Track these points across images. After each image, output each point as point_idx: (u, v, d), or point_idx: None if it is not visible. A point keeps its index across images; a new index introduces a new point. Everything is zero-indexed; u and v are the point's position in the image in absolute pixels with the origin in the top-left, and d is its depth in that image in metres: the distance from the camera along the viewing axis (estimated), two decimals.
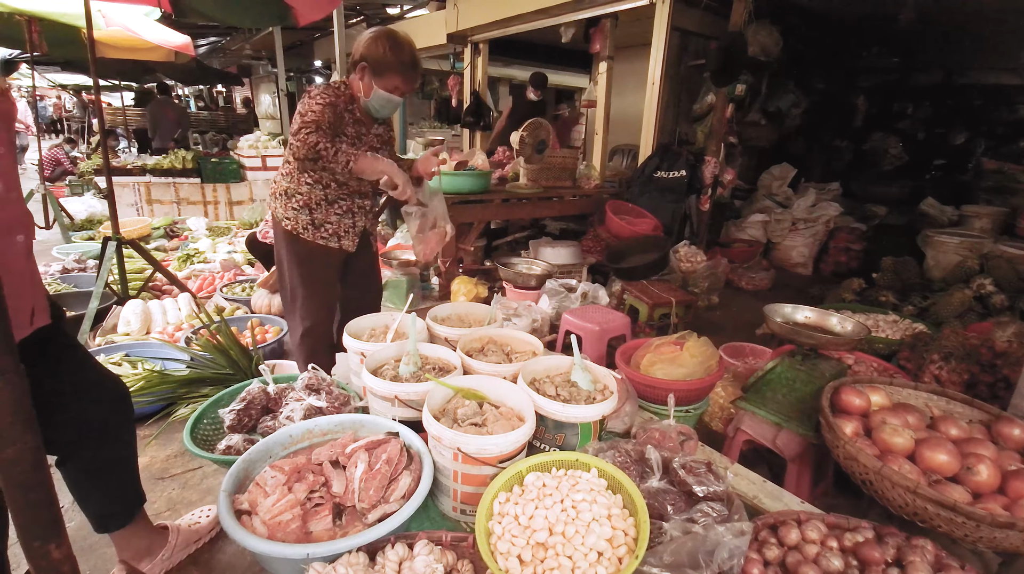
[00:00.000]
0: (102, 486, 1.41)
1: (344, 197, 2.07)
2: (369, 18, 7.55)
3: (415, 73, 1.96)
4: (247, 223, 6.01)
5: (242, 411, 1.82)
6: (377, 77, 1.90)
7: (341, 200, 2.06)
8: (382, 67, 1.88)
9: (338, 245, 2.10)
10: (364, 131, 2.03)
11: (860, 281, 4.11)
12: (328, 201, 2.05)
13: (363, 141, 2.02)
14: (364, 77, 1.91)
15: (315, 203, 2.03)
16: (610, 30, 4.62)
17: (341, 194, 2.05)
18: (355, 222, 2.11)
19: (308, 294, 2.13)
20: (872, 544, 1.23)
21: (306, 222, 2.04)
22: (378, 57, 1.87)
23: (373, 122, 2.07)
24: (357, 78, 1.94)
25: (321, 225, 2.05)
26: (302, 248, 2.08)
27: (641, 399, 2.07)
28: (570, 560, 1.08)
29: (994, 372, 2.24)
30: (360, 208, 2.13)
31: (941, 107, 6.82)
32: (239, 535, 1.16)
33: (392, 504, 1.29)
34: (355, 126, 2.00)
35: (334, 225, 2.07)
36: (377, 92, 1.92)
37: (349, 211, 2.07)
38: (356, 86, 1.96)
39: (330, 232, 2.06)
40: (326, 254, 2.10)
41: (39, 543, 0.69)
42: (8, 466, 0.66)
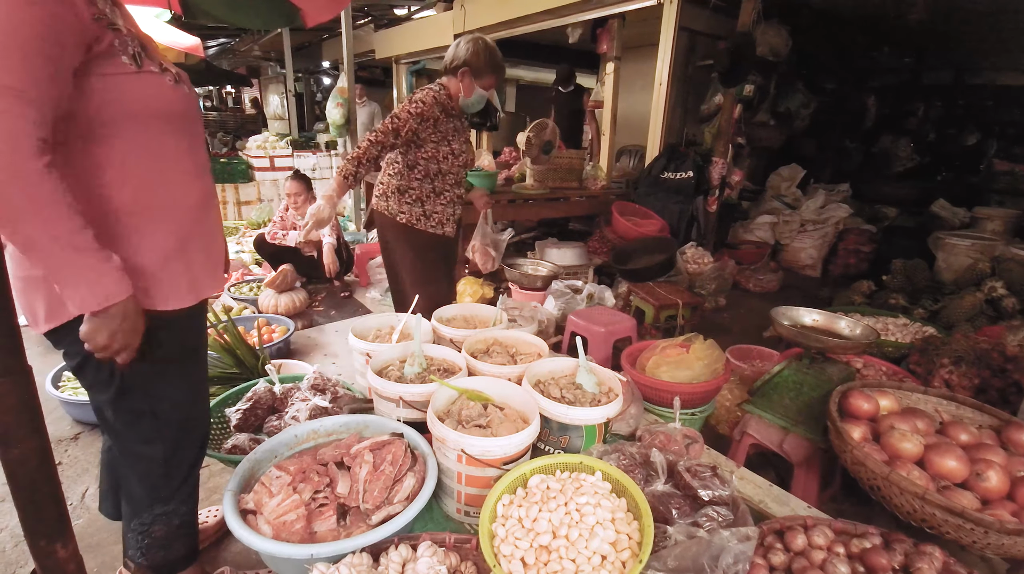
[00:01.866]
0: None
1: (448, 188, 2.33)
2: (376, 19, 7.57)
3: (502, 72, 2.27)
4: (255, 223, 6.05)
5: (248, 411, 1.83)
6: (477, 78, 2.18)
7: (446, 191, 2.32)
8: (481, 70, 2.16)
9: (442, 232, 2.37)
10: (460, 126, 2.31)
11: (870, 283, 4.07)
12: (436, 193, 2.31)
13: (459, 135, 2.29)
14: (465, 79, 2.18)
15: (426, 196, 2.30)
16: (617, 30, 4.60)
17: (446, 185, 2.31)
18: (454, 211, 2.39)
19: (427, 280, 2.40)
20: (879, 550, 1.22)
21: (419, 214, 2.31)
22: (479, 61, 2.15)
23: (463, 115, 2.35)
24: (457, 80, 2.20)
25: (431, 215, 2.32)
26: (418, 239, 2.34)
27: (646, 402, 2.06)
28: (573, 563, 1.08)
29: (1005, 377, 2.21)
30: (458, 197, 2.40)
31: (952, 108, 6.74)
32: (244, 535, 1.16)
33: (396, 505, 1.29)
34: (453, 122, 2.26)
35: (440, 214, 2.34)
36: (477, 91, 2.21)
37: (451, 201, 2.34)
38: (455, 87, 2.21)
39: (437, 221, 2.33)
40: (437, 241, 2.38)
41: (45, 542, 0.69)
42: (15, 465, 0.67)
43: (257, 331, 2.71)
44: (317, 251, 4.00)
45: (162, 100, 1.00)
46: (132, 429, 1.12)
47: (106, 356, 0.92)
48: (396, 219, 2.33)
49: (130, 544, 1.20)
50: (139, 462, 1.14)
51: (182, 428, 1.17)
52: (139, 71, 0.95)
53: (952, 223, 5.15)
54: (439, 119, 2.18)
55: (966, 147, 6.61)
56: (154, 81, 0.98)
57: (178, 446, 1.17)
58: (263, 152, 7.20)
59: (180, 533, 1.21)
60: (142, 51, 0.98)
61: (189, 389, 1.20)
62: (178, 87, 1.03)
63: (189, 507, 1.24)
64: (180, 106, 1.04)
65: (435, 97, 2.15)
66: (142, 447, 1.14)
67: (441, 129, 2.21)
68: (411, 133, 2.15)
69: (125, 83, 0.94)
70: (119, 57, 0.93)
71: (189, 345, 1.19)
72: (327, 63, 10.55)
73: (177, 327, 1.11)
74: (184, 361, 1.18)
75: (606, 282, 3.97)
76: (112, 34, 0.92)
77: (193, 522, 1.26)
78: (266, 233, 4.05)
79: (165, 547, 1.20)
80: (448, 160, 2.26)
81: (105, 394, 1.08)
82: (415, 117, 2.12)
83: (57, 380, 2.31)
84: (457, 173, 2.34)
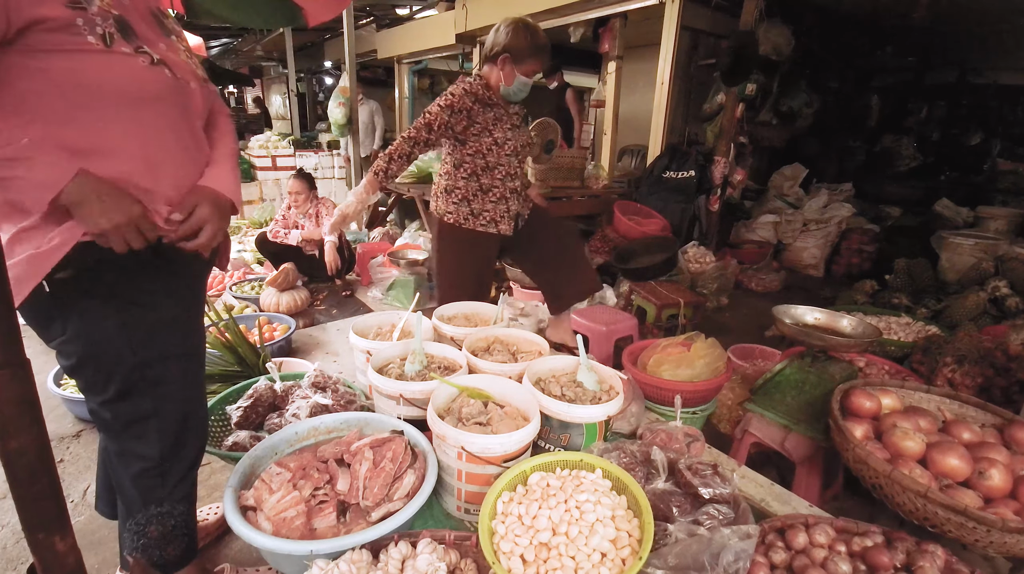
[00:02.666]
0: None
1: (496, 184, 2.23)
2: (378, 19, 7.58)
3: (548, 56, 2.12)
4: (257, 222, 6.06)
5: (249, 408, 1.83)
6: (518, 64, 2.07)
7: (494, 187, 2.22)
8: (522, 55, 2.05)
9: (496, 230, 2.28)
10: (503, 114, 2.19)
11: (873, 283, 4.06)
12: (483, 190, 2.23)
13: (502, 123, 2.18)
14: (505, 66, 2.08)
15: (472, 194, 2.23)
16: (619, 30, 4.60)
17: (494, 181, 2.22)
18: (508, 207, 2.26)
19: (464, 277, 2.37)
20: (881, 549, 1.21)
21: (466, 213, 2.25)
22: (519, 45, 2.04)
23: (507, 105, 2.23)
24: (497, 68, 2.11)
25: (479, 214, 2.24)
26: (464, 236, 2.29)
27: (648, 400, 2.06)
28: (573, 561, 1.08)
29: (1008, 376, 2.20)
30: (512, 192, 2.27)
31: (956, 107, 6.72)
32: (244, 531, 1.16)
33: (396, 502, 1.29)
34: (493, 111, 2.16)
35: (490, 212, 2.25)
36: (518, 79, 2.09)
37: (503, 197, 2.23)
38: (495, 75, 2.12)
39: (487, 219, 2.25)
40: (486, 240, 2.30)
41: (44, 535, 0.69)
42: (14, 457, 0.67)
43: (258, 329, 2.71)
44: (319, 250, 4.00)
45: (131, 81, 0.95)
46: (130, 430, 1.11)
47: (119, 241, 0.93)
48: (444, 219, 2.30)
49: (126, 543, 1.19)
50: (135, 463, 1.13)
51: (181, 430, 1.16)
52: (108, 50, 0.92)
53: (955, 222, 5.13)
54: (473, 110, 2.10)
55: (970, 147, 6.59)
56: (121, 61, 0.94)
57: (176, 448, 1.16)
58: (265, 152, 7.21)
59: (176, 533, 1.20)
60: (117, 32, 0.94)
61: (190, 389, 1.19)
62: (154, 68, 0.98)
63: (185, 508, 1.22)
64: (154, 88, 0.99)
65: (466, 88, 2.08)
66: (139, 448, 1.12)
67: (479, 120, 2.12)
68: (443, 127, 2.09)
69: (90, 61, 0.91)
70: (84, 36, 0.90)
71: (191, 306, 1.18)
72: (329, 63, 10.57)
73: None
74: (188, 359, 1.17)
75: (608, 281, 3.96)
76: (73, 12, 0.89)
77: (190, 522, 1.25)
78: (268, 232, 4.06)
79: (161, 547, 1.18)
80: (493, 151, 2.16)
81: (104, 395, 1.07)
82: (445, 110, 2.06)
83: (59, 378, 2.32)
84: (508, 164, 2.22)
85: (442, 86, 9.93)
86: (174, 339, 1.11)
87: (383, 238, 5.12)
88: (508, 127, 2.18)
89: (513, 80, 2.10)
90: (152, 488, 1.14)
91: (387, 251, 4.24)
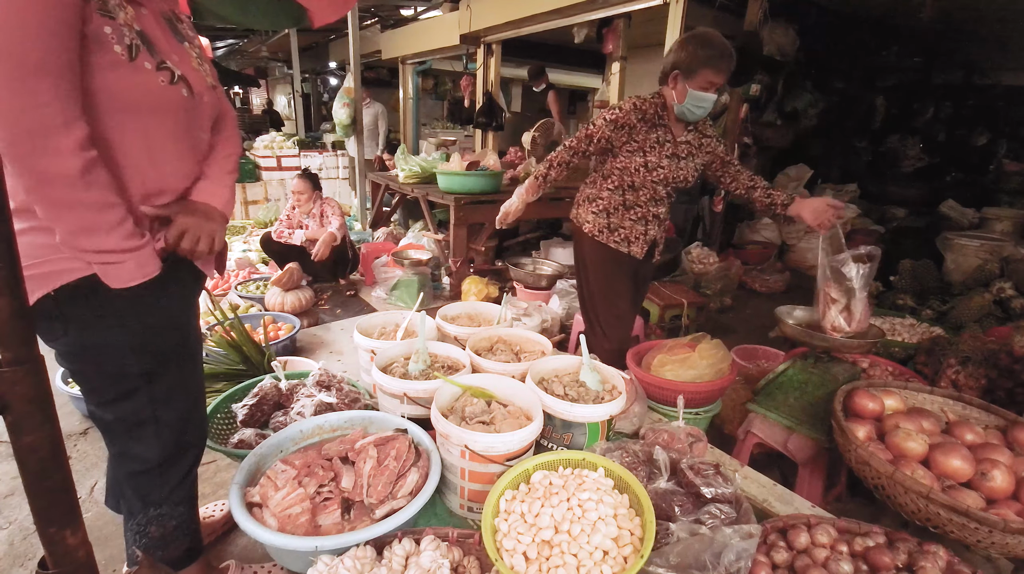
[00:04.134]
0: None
1: (640, 204, 2.13)
2: (383, 19, 7.60)
3: (727, 62, 1.91)
4: (262, 222, 6.09)
5: (254, 406, 1.85)
6: (689, 79, 1.91)
7: (637, 207, 2.13)
8: (692, 67, 1.89)
9: (627, 250, 2.17)
10: (666, 138, 2.06)
11: (877, 284, 4.04)
12: (625, 206, 2.14)
13: (661, 147, 2.06)
14: (677, 84, 1.95)
15: (613, 208, 2.15)
16: (623, 30, 4.60)
17: (638, 200, 2.12)
18: (647, 229, 2.16)
19: (604, 296, 2.26)
20: (883, 549, 1.22)
21: (603, 225, 2.17)
22: (687, 58, 1.89)
23: (684, 129, 2.09)
24: (670, 88, 1.98)
25: (616, 229, 2.16)
26: (598, 251, 2.21)
27: (651, 400, 2.06)
28: (575, 558, 1.08)
29: (1013, 377, 2.19)
30: (655, 217, 2.17)
31: (962, 108, 6.68)
32: (250, 527, 1.18)
33: (400, 500, 1.30)
34: (657, 132, 2.04)
35: (627, 230, 2.15)
36: (691, 94, 1.92)
37: (643, 218, 2.14)
38: (669, 95, 2.00)
39: (622, 237, 2.15)
40: (617, 258, 2.20)
41: (55, 529, 0.70)
42: (27, 453, 0.68)
43: (263, 328, 2.73)
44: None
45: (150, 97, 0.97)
46: (130, 433, 1.12)
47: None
48: (582, 227, 2.24)
49: (129, 542, 1.21)
50: (133, 464, 1.14)
51: (180, 433, 1.17)
52: (130, 62, 0.93)
53: (961, 224, 5.11)
54: (636, 127, 2.01)
55: (976, 147, 6.56)
56: (143, 76, 0.95)
57: (174, 451, 1.16)
58: (270, 152, 7.25)
59: (177, 534, 1.21)
60: (142, 45, 0.96)
61: (190, 394, 1.20)
62: (173, 88, 1.00)
63: (185, 509, 1.22)
64: (171, 105, 1.01)
65: (635, 104, 2.00)
66: (138, 450, 1.13)
67: (637, 139, 2.03)
68: (604, 140, 2.04)
69: (111, 73, 0.92)
70: (111, 46, 0.91)
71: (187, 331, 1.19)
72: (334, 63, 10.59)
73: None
74: (186, 362, 1.17)
75: None
76: (101, 19, 0.90)
77: (191, 523, 1.25)
78: (272, 232, 4.07)
79: (162, 547, 1.19)
80: (640, 174, 2.05)
81: (103, 397, 1.08)
82: (609, 124, 2.01)
83: (67, 376, 2.34)
84: (652, 189, 2.10)
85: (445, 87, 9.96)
86: (172, 342, 1.12)
87: (387, 238, 5.14)
88: (667, 154, 2.05)
89: (685, 96, 1.93)
90: (151, 490, 1.15)
91: (391, 251, 4.25)
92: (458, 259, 3.92)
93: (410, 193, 4.58)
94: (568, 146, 2.10)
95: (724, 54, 1.89)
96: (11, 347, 0.64)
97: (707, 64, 1.88)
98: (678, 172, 2.08)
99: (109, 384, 1.07)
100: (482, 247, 4.12)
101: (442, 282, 4.12)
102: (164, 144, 1.03)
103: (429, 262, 3.89)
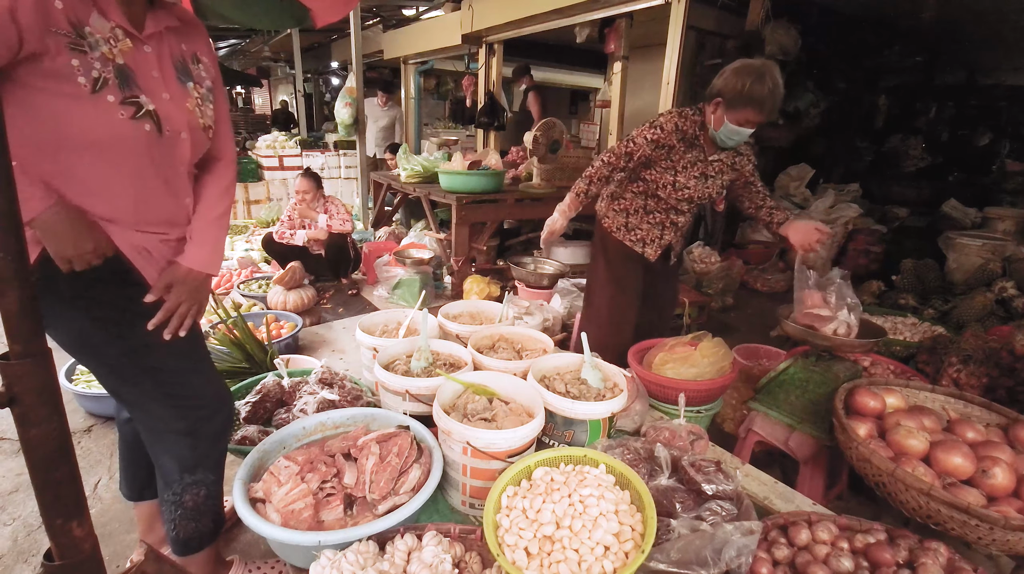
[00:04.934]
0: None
1: (661, 211, 2.16)
2: (385, 19, 7.61)
3: (772, 103, 1.87)
4: (264, 222, 6.11)
5: (257, 403, 1.86)
6: (730, 110, 1.89)
7: (657, 213, 2.16)
8: (736, 101, 1.86)
9: (642, 250, 2.21)
10: (699, 159, 2.07)
11: (879, 284, 4.04)
12: (646, 211, 2.17)
13: (693, 168, 2.07)
14: (717, 110, 1.93)
15: (633, 210, 2.19)
16: (625, 30, 4.60)
17: (659, 207, 2.15)
18: (663, 234, 2.19)
19: (611, 291, 2.30)
20: (883, 546, 1.22)
21: (621, 223, 2.22)
22: (734, 91, 1.86)
23: (716, 149, 2.08)
24: (710, 110, 1.96)
25: (633, 229, 2.20)
26: (612, 246, 2.26)
27: (653, 399, 2.06)
28: (576, 553, 1.09)
29: (1014, 376, 2.19)
30: (672, 223, 2.20)
31: (965, 108, 6.66)
32: (253, 522, 1.19)
33: (402, 496, 1.31)
34: (692, 152, 2.06)
35: (644, 232, 2.19)
36: (727, 125, 1.91)
37: (661, 223, 2.17)
38: (708, 116, 1.98)
39: (638, 237, 2.20)
40: (629, 257, 2.24)
41: (62, 521, 0.71)
42: (34, 446, 0.69)
43: (266, 327, 2.74)
44: (324, 250, 4.03)
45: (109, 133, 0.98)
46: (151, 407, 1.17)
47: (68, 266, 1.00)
48: (602, 221, 2.28)
49: (165, 518, 1.26)
50: (165, 436, 1.19)
51: (200, 399, 1.21)
52: (92, 94, 0.94)
53: (963, 223, 5.10)
54: (675, 147, 2.02)
55: (978, 147, 6.54)
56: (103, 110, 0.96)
57: (199, 420, 1.21)
58: (272, 152, 7.27)
59: (208, 505, 1.26)
60: (114, 78, 0.96)
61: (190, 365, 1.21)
62: (134, 123, 1.00)
63: (216, 477, 1.28)
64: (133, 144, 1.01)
65: (676, 124, 1.99)
66: (166, 422, 1.18)
67: (673, 158, 2.05)
68: (644, 158, 2.05)
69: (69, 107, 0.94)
70: (75, 78, 0.92)
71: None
72: (336, 63, 10.61)
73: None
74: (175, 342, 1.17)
75: None
76: (70, 54, 0.91)
77: (219, 493, 1.31)
78: (274, 233, 4.08)
79: (196, 518, 1.24)
80: (666, 190, 2.09)
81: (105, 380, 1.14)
82: (650, 143, 2.01)
83: (71, 373, 2.36)
84: (676, 205, 2.14)
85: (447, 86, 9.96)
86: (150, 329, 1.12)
87: (389, 237, 5.15)
88: (696, 174, 2.07)
89: (721, 125, 1.93)
90: (184, 457, 1.20)
91: (393, 250, 4.26)
92: (460, 258, 3.93)
93: (412, 192, 4.59)
94: (606, 162, 2.08)
95: (773, 96, 1.85)
96: (19, 340, 0.65)
97: (751, 103, 1.84)
98: (704, 191, 2.10)
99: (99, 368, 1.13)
100: (484, 246, 4.13)
101: (444, 281, 4.12)
102: (123, 177, 1.04)
103: (431, 261, 3.90)
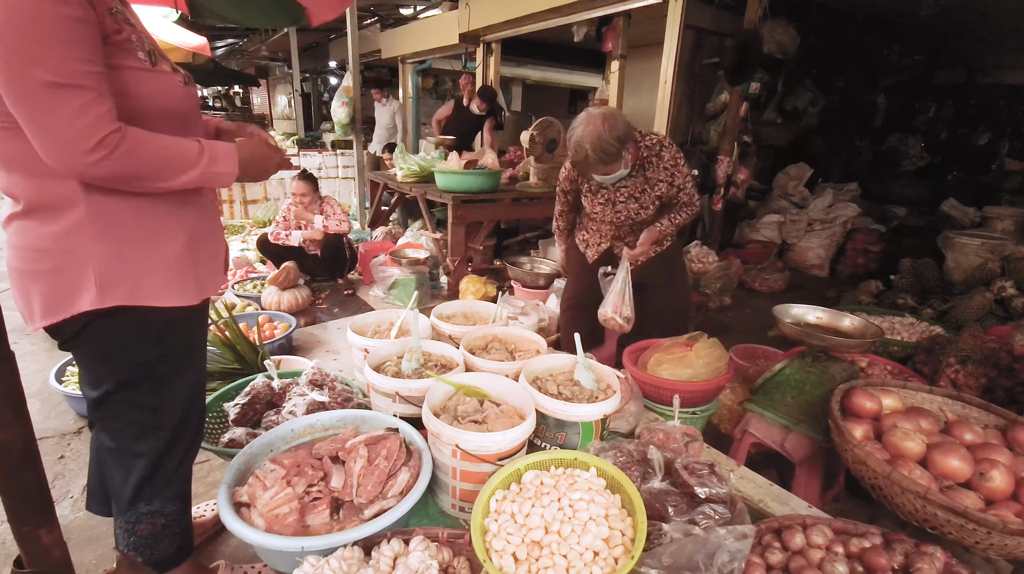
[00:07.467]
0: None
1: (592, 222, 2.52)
2: (383, 19, 7.59)
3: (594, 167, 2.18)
4: (260, 221, 6.08)
5: (246, 405, 1.84)
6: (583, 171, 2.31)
7: (591, 224, 2.54)
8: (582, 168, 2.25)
9: (583, 250, 2.60)
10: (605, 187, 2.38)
11: (878, 283, 4.02)
12: (589, 218, 2.54)
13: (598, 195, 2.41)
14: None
15: (582, 216, 2.60)
16: (623, 29, 4.58)
17: (590, 220, 2.53)
18: (599, 242, 2.53)
19: (573, 279, 2.76)
20: (879, 550, 1.20)
21: (578, 225, 2.66)
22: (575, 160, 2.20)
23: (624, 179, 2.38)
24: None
25: (579, 231, 2.63)
26: (571, 244, 2.69)
27: (648, 400, 2.04)
28: (565, 559, 1.07)
29: (1012, 376, 2.17)
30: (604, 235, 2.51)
31: (964, 107, 6.65)
32: (236, 527, 1.16)
33: (390, 500, 1.29)
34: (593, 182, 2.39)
35: (584, 235, 2.60)
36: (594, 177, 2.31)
37: (596, 232, 2.52)
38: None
39: (582, 239, 2.60)
40: (579, 253, 2.63)
41: (29, 528, 0.69)
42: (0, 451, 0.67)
43: (258, 327, 2.72)
44: (320, 250, 4.01)
45: (173, 99, 1.05)
46: (129, 425, 1.11)
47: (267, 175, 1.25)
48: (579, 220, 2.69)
49: (119, 540, 1.19)
50: (126, 459, 1.13)
51: (177, 429, 1.16)
52: (153, 69, 1.00)
53: (962, 223, 5.09)
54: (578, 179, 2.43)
55: (977, 146, 6.53)
56: (166, 79, 1.03)
57: (169, 446, 1.15)
58: None
59: (167, 532, 1.19)
60: (155, 50, 1.03)
61: (189, 389, 1.19)
62: (187, 88, 1.09)
63: (177, 507, 1.21)
64: (186, 106, 1.09)
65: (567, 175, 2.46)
66: (134, 445, 1.12)
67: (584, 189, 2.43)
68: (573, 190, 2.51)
69: (142, 78, 0.98)
70: (136, 52, 0.97)
71: (193, 343, 1.19)
72: (334, 63, 10.59)
73: (183, 324, 1.12)
74: (188, 357, 1.17)
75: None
76: (129, 28, 0.96)
77: (182, 521, 1.24)
78: (269, 234, 4.06)
79: (152, 546, 1.18)
80: (585, 212, 2.50)
81: (106, 386, 1.07)
82: (566, 180, 2.48)
83: (61, 374, 2.33)
84: (599, 221, 2.46)
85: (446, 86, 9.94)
86: (178, 337, 1.11)
87: (385, 237, 5.13)
88: (601, 202, 2.37)
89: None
90: (140, 487, 1.14)
91: (389, 250, 4.24)
92: (456, 258, 3.90)
93: (408, 192, 4.57)
94: (558, 199, 2.57)
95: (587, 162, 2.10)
96: None
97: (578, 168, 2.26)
98: (616, 216, 2.36)
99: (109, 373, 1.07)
100: (480, 246, 4.11)
101: (440, 281, 4.10)
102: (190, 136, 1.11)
103: (427, 261, 3.87)
